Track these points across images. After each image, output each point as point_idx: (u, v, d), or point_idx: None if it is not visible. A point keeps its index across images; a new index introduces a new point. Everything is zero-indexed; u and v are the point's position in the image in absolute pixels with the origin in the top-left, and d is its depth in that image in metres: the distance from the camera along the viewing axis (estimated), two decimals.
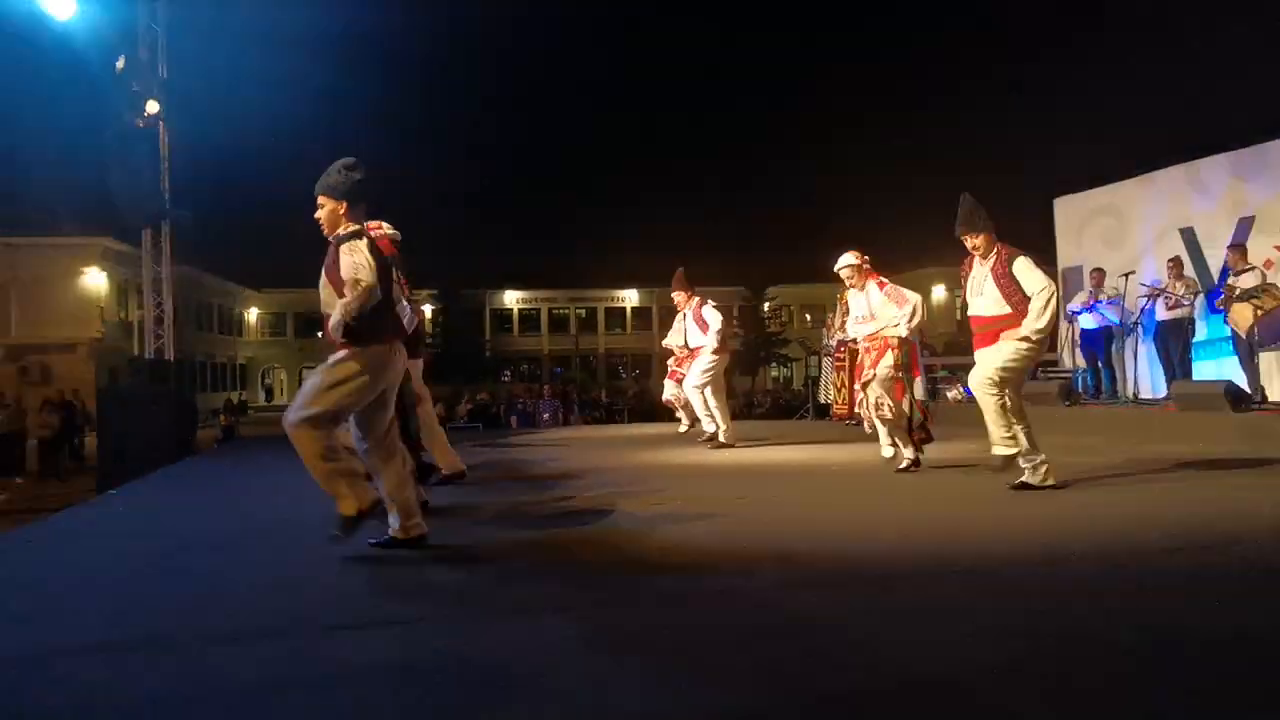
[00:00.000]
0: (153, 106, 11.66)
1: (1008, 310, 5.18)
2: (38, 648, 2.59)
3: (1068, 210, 13.82)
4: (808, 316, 54.24)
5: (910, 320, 6.25)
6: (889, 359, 6.24)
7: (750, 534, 4.19)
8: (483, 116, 78.17)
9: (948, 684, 2.14)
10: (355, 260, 3.73)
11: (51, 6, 9.80)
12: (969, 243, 5.33)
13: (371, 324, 3.75)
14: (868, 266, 6.54)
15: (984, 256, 5.31)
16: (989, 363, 5.21)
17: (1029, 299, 5.11)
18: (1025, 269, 5.17)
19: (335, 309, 3.74)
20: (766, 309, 50.53)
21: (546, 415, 17.50)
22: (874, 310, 6.40)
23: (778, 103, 76.02)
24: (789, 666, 2.30)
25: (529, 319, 55.24)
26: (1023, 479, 5.18)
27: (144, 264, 12.58)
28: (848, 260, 6.54)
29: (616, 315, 55.86)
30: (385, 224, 5.34)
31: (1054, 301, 5.10)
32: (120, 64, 10.97)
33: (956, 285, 46.91)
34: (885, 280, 6.49)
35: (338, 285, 3.79)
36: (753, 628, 2.69)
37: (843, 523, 4.51)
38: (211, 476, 7.81)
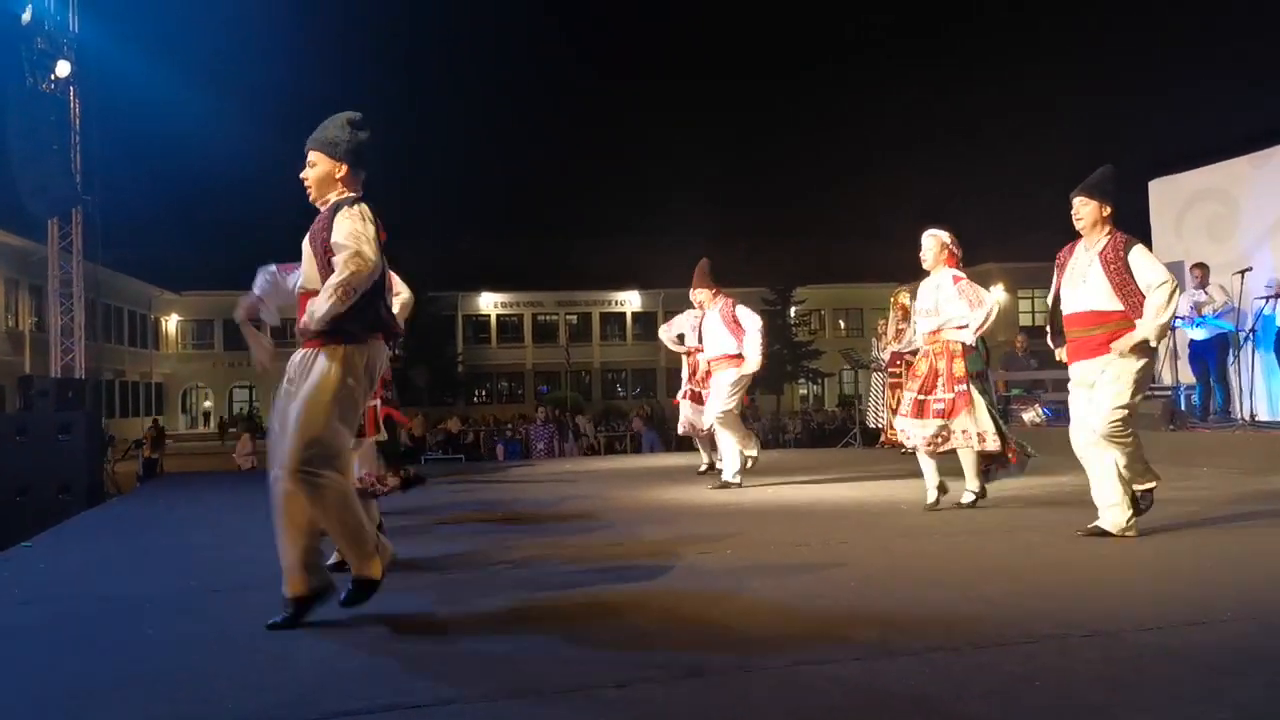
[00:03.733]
0: (63, 68, 11.64)
1: (1119, 307, 5.09)
2: None
3: (1165, 193, 13.81)
4: (841, 323, 54.38)
5: (981, 325, 6.35)
6: (959, 367, 6.32)
7: (823, 590, 4.14)
8: (452, 84, 78.43)
9: None
10: (356, 228, 3.66)
11: None
12: (1076, 209, 5.25)
13: (359, 313, 3.67)
14: (954, 251, 6.55)
15: (1088, 233, 5.24)
16: (1106, 403, 5.08)
17: (1143, 296, 5.02)
18: (1144, 258, 5.09)
19: (322, 289, 3.64)
20: (793, 314, 50.59)
21: (541, 445, 17.35)
22: (939, 305, 6.49)
23: (810, 60, 75.94)
24: None
25: (510, 326, 55.34)
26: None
27: (50, 261, 12.57)
28: (936, 232, 6.62)
29: (614, 321, 56.01)
30: None
31: (1176, 297, 5.05)
32: (26, 15, 10.95)
33: (1020, 284, 46.97)
34: (963, 275, 6.51)
35: (324, 259, 3.71)
36: (848, 710, 2.63)
37: (933, 575, 4.45)
38: (145, 523, 7.71)
